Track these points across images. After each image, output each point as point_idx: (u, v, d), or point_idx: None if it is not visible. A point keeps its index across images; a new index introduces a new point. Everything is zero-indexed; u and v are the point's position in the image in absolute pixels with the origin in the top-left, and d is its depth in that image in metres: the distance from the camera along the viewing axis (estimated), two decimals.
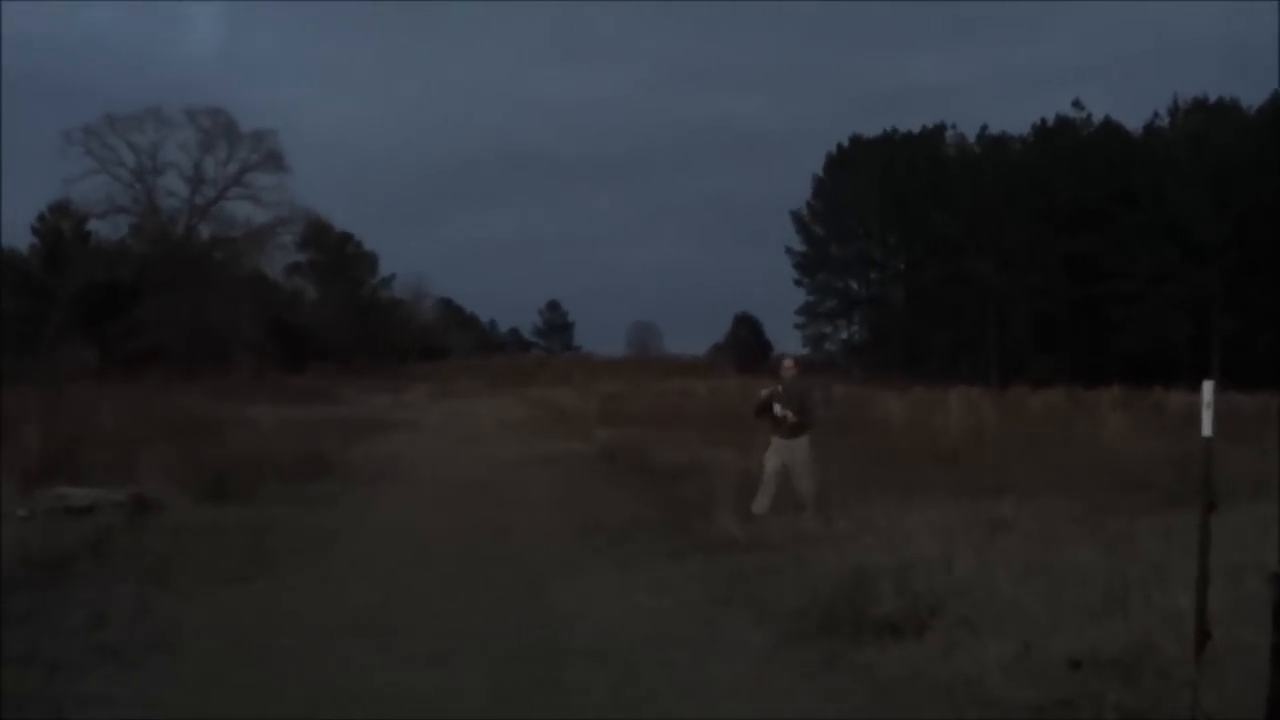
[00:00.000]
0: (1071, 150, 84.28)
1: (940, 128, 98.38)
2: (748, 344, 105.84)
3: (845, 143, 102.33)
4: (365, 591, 12.45)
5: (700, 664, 9.40)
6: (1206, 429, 6.90)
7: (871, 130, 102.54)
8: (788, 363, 18.53)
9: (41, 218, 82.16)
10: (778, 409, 17.19)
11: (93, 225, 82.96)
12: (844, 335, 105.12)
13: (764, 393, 17.64)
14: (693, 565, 13.79)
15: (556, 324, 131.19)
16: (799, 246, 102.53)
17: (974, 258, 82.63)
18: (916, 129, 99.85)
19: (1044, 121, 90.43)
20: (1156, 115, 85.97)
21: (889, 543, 12.78)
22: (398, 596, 12.25)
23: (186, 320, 73.58)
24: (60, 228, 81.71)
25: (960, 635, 9.15)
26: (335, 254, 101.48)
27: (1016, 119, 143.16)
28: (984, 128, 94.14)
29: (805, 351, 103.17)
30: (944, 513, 15.31)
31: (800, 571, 12.25)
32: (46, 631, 10.25)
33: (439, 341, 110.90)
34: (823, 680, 8.87)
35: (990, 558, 11.63)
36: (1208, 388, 6.88)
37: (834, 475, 19.24)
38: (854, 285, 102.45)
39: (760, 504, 16.86)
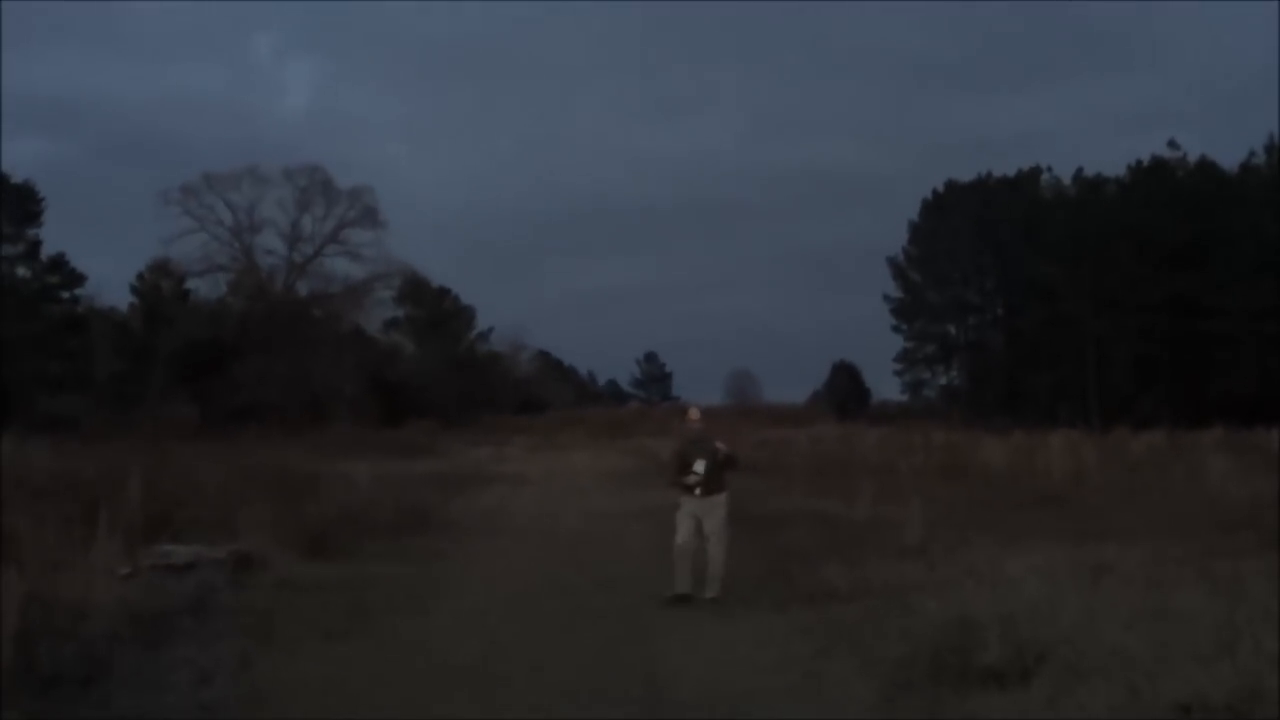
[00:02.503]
0: (1168, 191, 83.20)
1: (1035, 170, 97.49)
2: (847, 391, 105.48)
3: (940, 188, 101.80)
4: (467, 646, 12.45)
5: (806, 715, 9.30)
6: None
7: (966, 175, 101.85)
8: (693, 413, 16.58)
9: (141, 276, 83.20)
10: (700, 465, 15.29)
11: (191, 284, 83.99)
12: (942, 380, 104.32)
13: (673, 451, 16.00)
14: (796, 616, 13.69)
15: (654, 374, 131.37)
16: (896, 293, 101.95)
17: (1072, 300, 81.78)
18: (1011, 172, 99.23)
19: (1139, 162, 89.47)
20: (1253, 154, 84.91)
21: (993, 589, 12.68)
22: (500, 651, 12.25)
23: (285, 377, 74.08)
24: (160, 286, 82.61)
25: (1067, 682, 9.06)
26: (433, 308, 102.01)
27: (1112, 161, 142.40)
28: (1079, 170, 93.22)
29: (904, 398, 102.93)
30: (1047, 557, 15.21)
31: (904, 620, 12.15)
32: (151, 688, 10.31)
33: (537, 394, 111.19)
34: None
35: (1095, 603, 11.51)
36: None
37: (936, 519, 19.14)
38: (952, 330, 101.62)
39: (681, 583, 14.99)
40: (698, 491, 15.29)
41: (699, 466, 15.28)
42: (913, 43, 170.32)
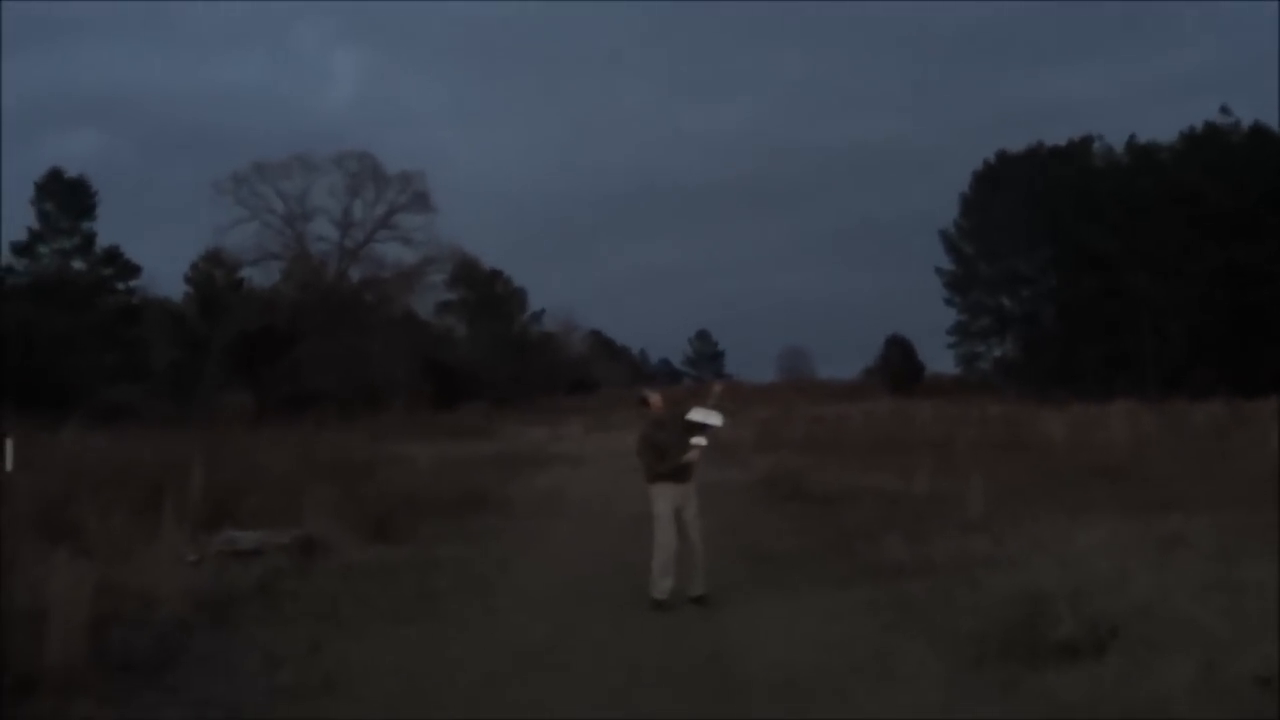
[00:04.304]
0: (1222, 157, 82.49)
1: (1087, 139, 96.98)
2: (900, 366, 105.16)
3: (992, 159, 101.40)
4: (533, 628, 12.46)
5: (878, 693, 9.26)
6: None
7: (1017, 145, 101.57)
8: (655, 398, 14.97)
9: (194, 266, 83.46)
10: (698, 443, 14.04)
11: (245, 272, 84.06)
12: (996, 353, 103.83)
13: (649, 437, 14.33)
14: (861, 591, 13.60)
15: (707, 352, 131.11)
16: (949, 266, 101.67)
17: (1126, 270, 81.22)
18: (1063, 142, 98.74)
19: (1192, 129, 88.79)
20: None
21: (1060, 562, 12.59)
22: (566, 632, 12.28)
23: (340, 362, 74.30)
24: (213, 276, 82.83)
25: (1142, 656, 8.96)
26: (485, 291, 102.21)
27: (1164, 128, 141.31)
28: (1131, 138, 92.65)
29: (957, 371, 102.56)
30: (1113, 530, 15.07)
31: (971, 595, 12.09)
32: (222, 674, 10.37)
33: (590, 374, 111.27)
34: (1004, 706, 8.70)
35: (1166, 575, 11.42)
36: None
37: (997, 493, 19.03)
38: (1006, 303, 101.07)
39: (663, 585, 13.76)
40: (678, 476, 14.05)
41: (696, 441, 14.02)
42: (961, 13, 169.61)
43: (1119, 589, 10.73)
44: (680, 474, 14.05)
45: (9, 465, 10.75)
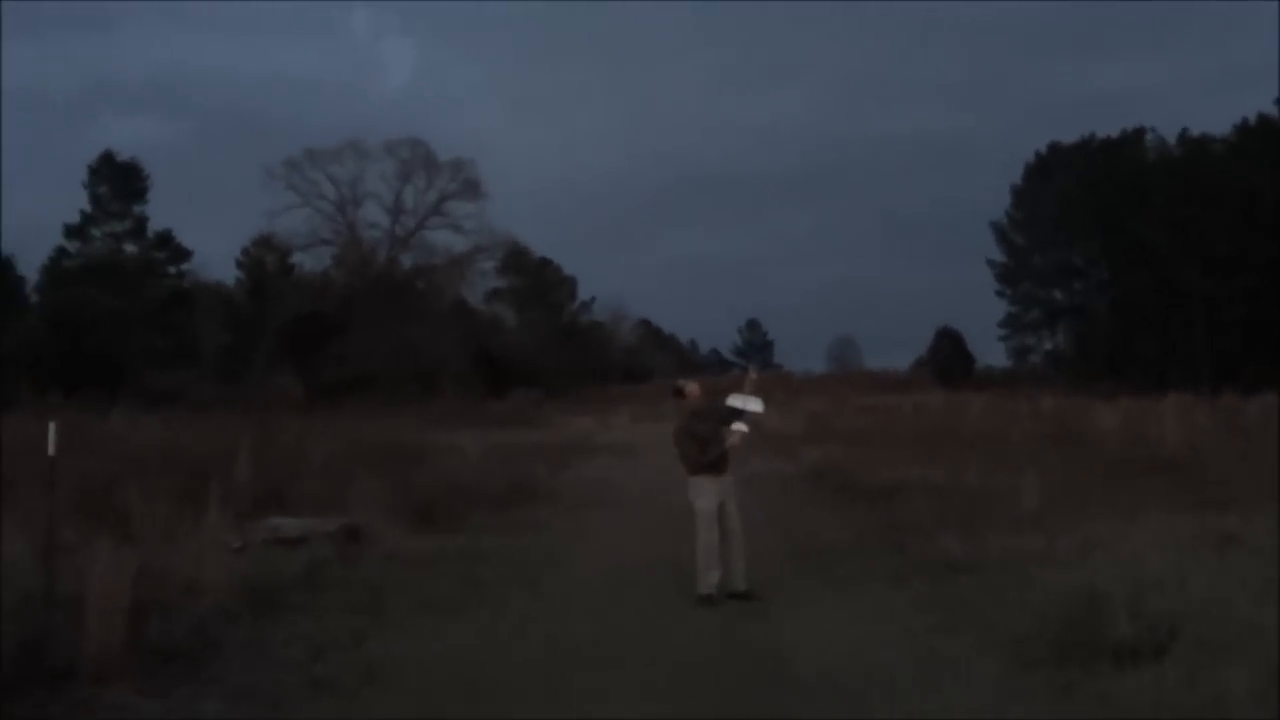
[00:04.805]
0: (1275, 150, 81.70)
1: (1139, 131, 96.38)
2: (951, 357, 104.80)
3: (1043, 150, 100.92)
4: (581, 623, 12.30)
5: (932, 693, 9.06)
6: None
7: (1069, 137, 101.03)
8: (692, 387, 14.61)
9: (246, 251, 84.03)
10: (738, 428, 13.82)
11: (296, 258, 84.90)
12: (1048, 346, 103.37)
13: (687, 427, 13.93)
14: (913, 589, 13.41)
15: (756, 342, 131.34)
16: (1000, 258, 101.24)
17: (1179, 263, 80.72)
18: (1115, 134, 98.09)
19: (1245, 121, 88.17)
20: None
21: (1115, 561, 12.37)
22: (614, 627, 12.09)
23: (390, 349, 74.55)
24: (264, 261, 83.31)
25: (1201, 659, 8.74)
26: (535, 279, 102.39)
27: (1217, 119, 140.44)
28: (1184, 130, 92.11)
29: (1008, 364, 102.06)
30: (1168, 527, 14.85)
31: (1026, 593, 11.86)
32: (266, 663, 10.27)
33: (640, 363, 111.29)
34: (1061, 708, 8.50)
35: (1224, 576, 11.21)
36: None
37: (1050, 488, 18.78)
38: (1057, 295, 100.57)
39: (709, 579, 13.41)
40: (718, 468, 13.75)
41: (737, 427, 13.78)
42: (1013, 4, 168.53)
43: (1177, 589, 10.50)
44: (719, 465, 13.75)
45: (52, 449, 10.60)
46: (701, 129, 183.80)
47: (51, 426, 10.58)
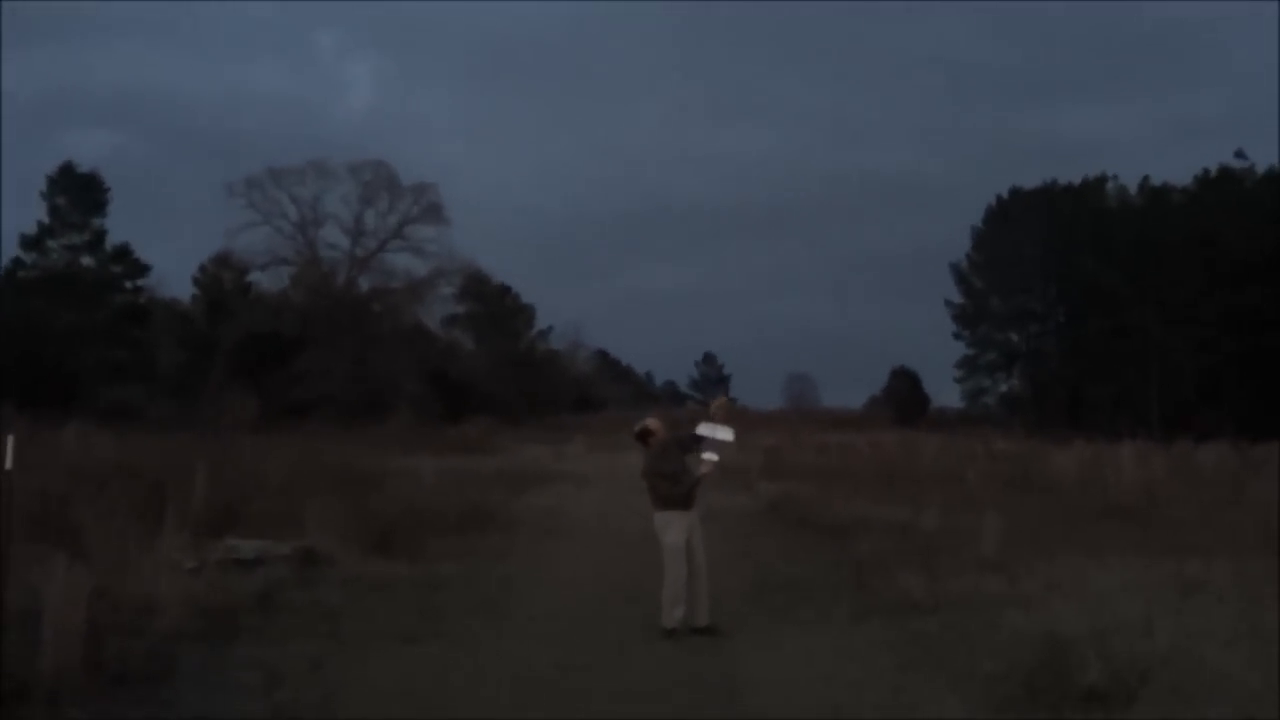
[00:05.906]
0: (1235, 201, 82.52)
1: (1101, 179, 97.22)
2: (906, 397, 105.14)
3: (1005, 195, 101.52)
4: (541, 652, 12.15)
5: None
6: None
7: (1030, 182, 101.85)
8: (654, 423, 14.45)
9: (203, 268, 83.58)
10: (709, 457, 13.55)
11: (254, 276, 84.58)
12: (1003, 388, 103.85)
13: (657, 466, 13.80)
14: (875, 627, 13.31)
15: (712, 376, 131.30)
16: (958, 299, 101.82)
17: (1136, 310, 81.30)
18: (1076, 180, 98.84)
19: (1206, 172, 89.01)
20: None
21: (1080, 604, 12.38)
22: (576, 658, 11.94)
23: (346, 371, 74.49)
24: (221, 278, 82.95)
25: (1173, 705, 8.73)
26: (493, 306, 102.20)
27: (1178, 169, 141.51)
28: (1145, 178, 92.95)
29: (963, 405, 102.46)
30: (1131, 573, 14.89)
31: (990, 635, 11.82)
32: (223, 689, 10.14)
33: (595, 393, 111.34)
34: None
35: (1190, 622, 11.24)
36: None
37: (1009, 530, 18.77)
38: (1014, 338, 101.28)
39: (674, 614, 13.22)
40: (684, 502, 13.57)
41: (708, 456, 13.50)
42: (975, 48, 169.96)
43: (1144, 634, 10.50)
44: (687, 500, 13.55)
45: (9, 463, 10.41)
46: (664, 161, 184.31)
47: (10, 440, 10.39)
